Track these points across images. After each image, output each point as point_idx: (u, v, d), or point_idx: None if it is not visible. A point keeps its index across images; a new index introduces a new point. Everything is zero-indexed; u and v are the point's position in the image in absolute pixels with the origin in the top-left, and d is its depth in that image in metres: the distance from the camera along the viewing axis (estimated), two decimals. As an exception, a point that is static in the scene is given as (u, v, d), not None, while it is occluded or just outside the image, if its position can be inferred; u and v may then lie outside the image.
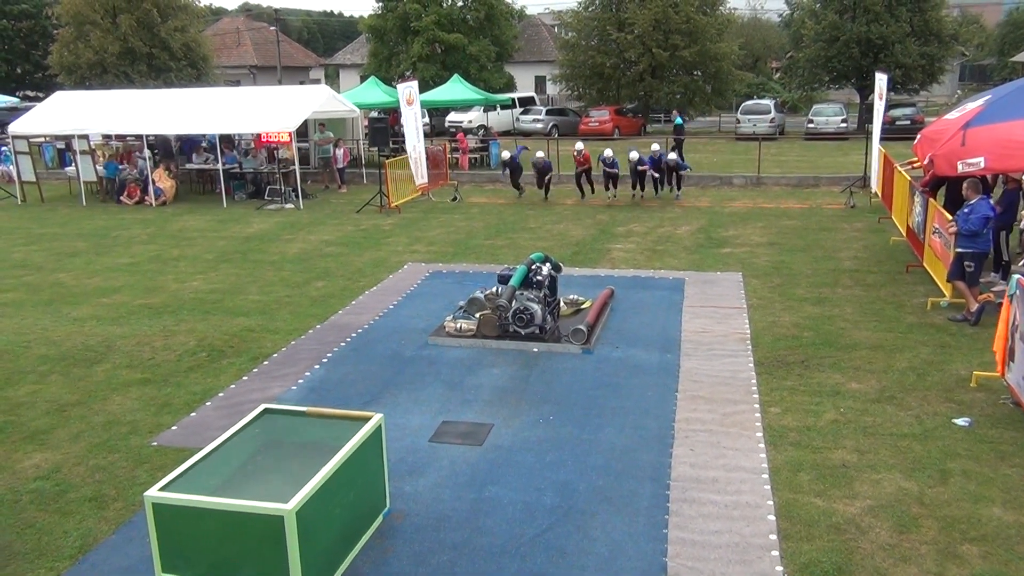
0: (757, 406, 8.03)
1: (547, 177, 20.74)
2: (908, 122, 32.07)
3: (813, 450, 7.14)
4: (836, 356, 9.34)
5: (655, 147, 20.25)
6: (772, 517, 6.10)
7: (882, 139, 17.26)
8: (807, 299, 11.57)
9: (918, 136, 14.72)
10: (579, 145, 20.28)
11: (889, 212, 16.59)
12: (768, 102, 38.42)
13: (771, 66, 61.86)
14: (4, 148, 23.75)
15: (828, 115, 35.43)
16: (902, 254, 13.91)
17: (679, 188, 20.48)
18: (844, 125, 34.96)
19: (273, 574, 4.93)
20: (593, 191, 20.80)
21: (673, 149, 26.51)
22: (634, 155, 19.88)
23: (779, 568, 5.50)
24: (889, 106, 34.84)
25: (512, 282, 10.02)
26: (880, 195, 17.71)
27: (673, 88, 40.52)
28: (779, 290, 12.06)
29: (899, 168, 15.65)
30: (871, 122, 18.95)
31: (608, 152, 20.02)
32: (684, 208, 19.29)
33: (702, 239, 15.80)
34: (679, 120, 28.58)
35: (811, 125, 35.32)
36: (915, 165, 15.37)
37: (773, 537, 5.85)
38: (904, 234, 14.60)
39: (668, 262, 13.93)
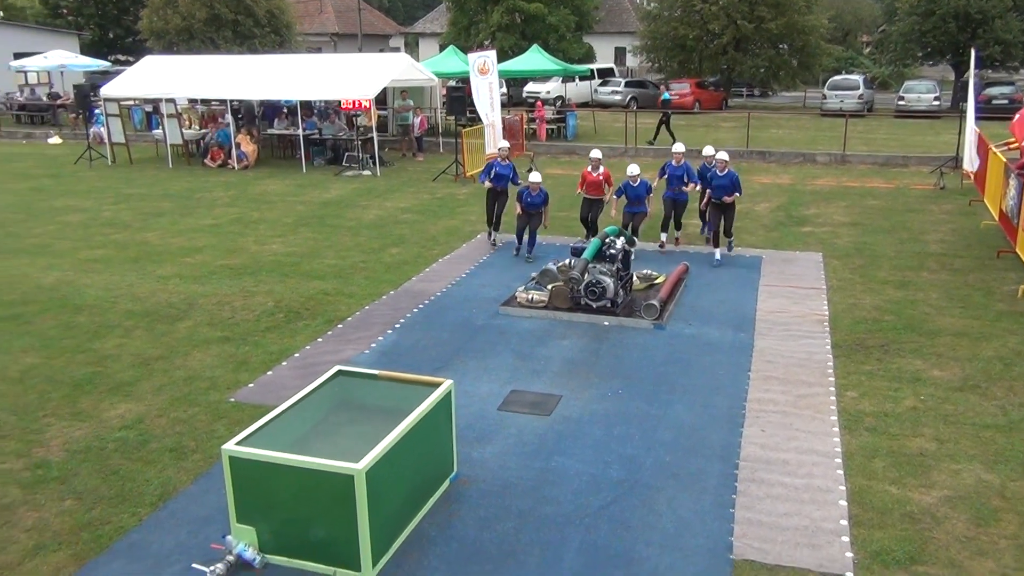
0: (833, 389, 7.85)
1: (537, 214, 12.49)
2: (1006, 101, 30.68)
3: (890, 436, 6.95)
4: (918, 342, 9.04)
5: (707, 150, 13.22)
6: (844, 502, 5.97)
7: (977, 119, 16.51)
8: (890, 282, 11.21)
9: (1016, 116, 14.07)
10: (596, 153, 12.89)
11: (981, 194, 15.92)
12: (857, 77, 37.12)
13: (862, 40, 59.74)
14: (97, 111, 24.56)
15: (920, 92, 34.09)
16: (993, 239, 13.34)
17: (729, 235, 12.29)
18: (937, 103, 33.60)
19: (342, 531, 5.05)
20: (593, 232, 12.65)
21: (661, 124, 25.83)
22: (707, 150, 13.15)
23: (849, 554, 5.38)
24: (985, 84, 33.45)
25: (585, 255, 9.97)
26: (972, 177, 17.01)
27: (757, 62, 39.49)
28: (861, 272, 11.72)
29: (994, 149, 14.98)
30: (966, 100, 18.12)
31: (633, 169, 12.26)
32: (764, 185, 18.85)
33: (782, 217, 15.44)
34: (666, 95, 27.83)
35: (901, 102, 34.05)
36: (1011, 146, 14.70)
37: (844, 522, 5.73)
38: (996, 218, 13.99)
39: (745, 239, 13.65)
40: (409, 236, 14.18)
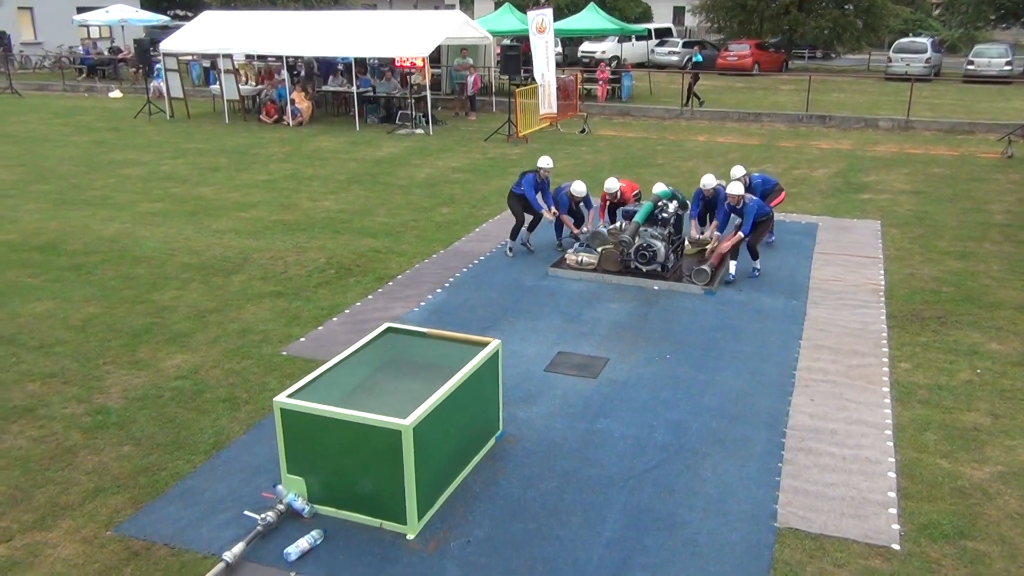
0: (886, 360, 7.71)
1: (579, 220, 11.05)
2: (1083, 66, 29.40)
3: (943, 410, 6.82)
4: (977, 314, 8.82)
5: (736, 170, 10.97)
6: (892, 474, 5.89)
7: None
8: (950, 252, 10.92)
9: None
10: (612, 186, 10.89)
11: (1051, 164, 15.37)
12: (924, 40, 35.86)
13: (931, 1, 57.60)
14: (157, 65, 24.91)
15: (991, 56, 32.84)
16: (1062, 210, 12.90)
17: (753, 256, 9.94)
18: (1008, 68, 32.34)
19: (389, 485, 5.14)
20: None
21: (690, 87, 25.06)
22: (735, 181, 10.23)
23: (895, 526, 5.32)
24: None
25: (637, 218, 9.87)
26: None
27: (821, 22, 38.38)
28: (920, 241, 11.43)
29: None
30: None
31: (660, 188, 10.51)
32: (822, 150, 18.42)
33: (840, 183, 15.10)
34: (698, 57, 26.86)
35: (971, 67, 32.87)
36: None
37: (892, 494, 5.66)
38: (1066, 188, 13.51)
39: (801, 205, 13.39)
40: (460, 196, 14.19)
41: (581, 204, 10.86)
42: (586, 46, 37.20)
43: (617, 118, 23.94)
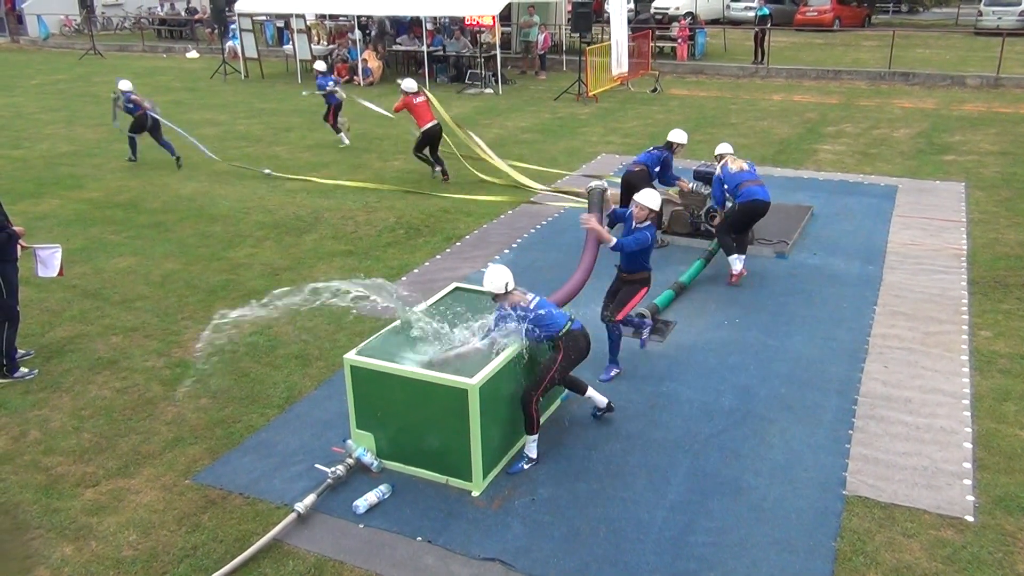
0: (966, 328, 7.46)
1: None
2: None
3: (1025, 380, 6.59)
4: (1066, 281, 8.45)
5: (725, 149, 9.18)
6: (968, 445, 5.73)
7: None
8: (1039, 216, 10.46)
9: None
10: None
11: None
12: (1019, -8, 33.97)
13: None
14: (232, 26, 25.26)
15: (1092, 9, 30.98)
16: None
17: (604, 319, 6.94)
18: (1110, 21, 30.49)
19: (455, 442, 5.22)
20: None
21: (760, 41, 23.89)
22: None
23: (970, 498, 5.19)
24: None
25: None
26: None
27: (907, -26, 36.66)
28: (1007, 204, 10.96)
29: None
30: None
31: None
32: (905, 109, 17.74)
33: (922, 144, 14.53)
34: (764, 10, 25.32)
35: (1069, 20, 31.06)
36: None
37: (967, 465, 5.51)
38: None
39: (880, 167, 12.95)
40: (529, 156, 14.11)
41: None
42: (659, 2, 36.31)
43: (690, 76, 23.43)
